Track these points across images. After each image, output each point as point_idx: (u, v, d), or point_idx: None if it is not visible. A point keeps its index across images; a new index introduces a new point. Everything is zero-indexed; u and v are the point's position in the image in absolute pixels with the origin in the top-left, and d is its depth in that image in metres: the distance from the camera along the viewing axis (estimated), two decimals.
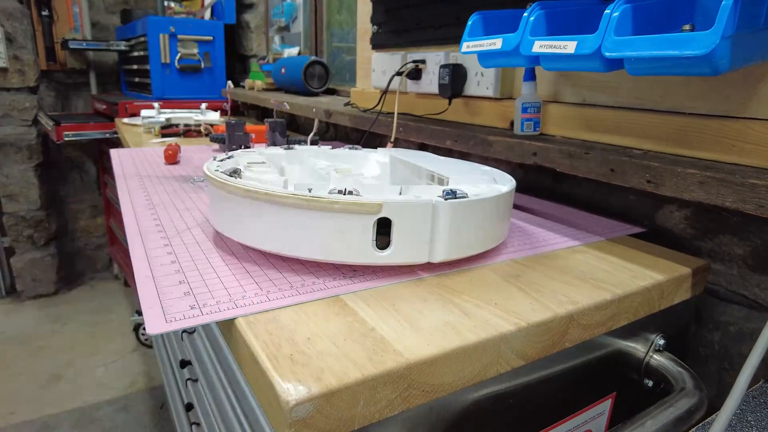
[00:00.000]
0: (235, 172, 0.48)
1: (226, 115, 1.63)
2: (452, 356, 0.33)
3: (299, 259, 0.46)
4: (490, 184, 0.51)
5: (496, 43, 0.57)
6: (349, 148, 0.69)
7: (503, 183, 0.52)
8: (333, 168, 0.57)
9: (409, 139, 0.90)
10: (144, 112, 1.36)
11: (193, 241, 0.50)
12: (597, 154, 0.56)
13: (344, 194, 0.42)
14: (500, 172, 0.58)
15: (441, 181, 0.55)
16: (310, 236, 0.41)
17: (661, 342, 0.49)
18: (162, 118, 1.32)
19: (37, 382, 1.69)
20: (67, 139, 1.85)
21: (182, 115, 1.36)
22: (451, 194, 0.44)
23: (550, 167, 0.62)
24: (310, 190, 0.43)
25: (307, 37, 1.96)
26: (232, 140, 1.01)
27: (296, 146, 0.69)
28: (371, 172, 0.67)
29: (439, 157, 0.68)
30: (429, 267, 0.46)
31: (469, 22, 0.63)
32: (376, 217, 0.40)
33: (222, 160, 0.56)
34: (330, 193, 0.42)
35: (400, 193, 0.45)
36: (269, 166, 0.59)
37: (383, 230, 0.42)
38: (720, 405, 0.32)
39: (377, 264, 0.42)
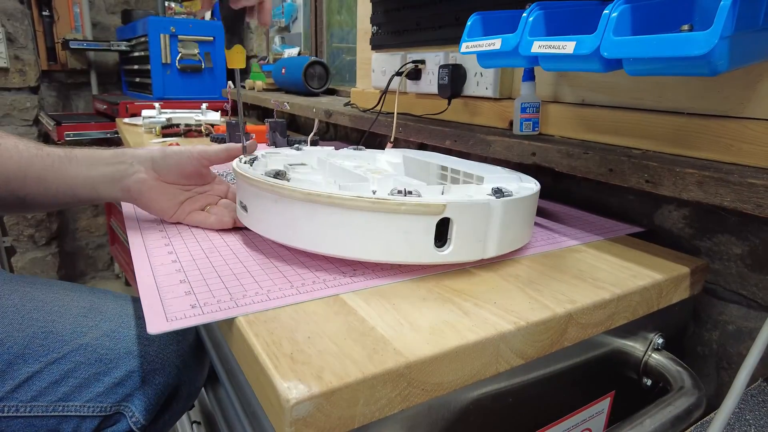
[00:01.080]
0: (279, 174, 0.47)
1: (227, 115, 1.63)
2: (452, 355, 0.33)
3: (299, 258, 0.46)
4: (518, 182, 0.53)
5: (495, 43, 0.57)
6: (353, 149, 0.70)
7: (528, 182, 0.54)
8: (363, 169, 0.56)
9: (409, 139, 0.90)
10: (145, 112, 1.36)
11: (193, 240, 0.51)
12: (596, 154, 0.57)
13: (404, 195, 0.42)
14: (522, 174, 0.58)
15: (467, 179, 0.57)
16: (374, 238, 0.41)
17: (660, 341, 0.49)
18: (163, 118, 1.32)
19: None
20: (68, 138, 1.85)
21: (183, 115, 1.36)
22: (500, 193, 0.45)
23: (549, 167, 0.62)
24: (374, 192, 0.43)
25: (308, 37, 1.96)
26: (232, 140, 1.01)
27: (303, 147, 0.69)
28: (388, 170, 0.67)
29: (448, 156, 0.68)
30: (480, 263, 0.47)
31: (469, 23, 0.63)
32: (439, 218, 0.41)
33: (247, 162, 0.54)
34: (391, 194, 0.42)
35: (442, 193, 0.46)
36: (312, 168, 0.59)
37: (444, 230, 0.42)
38: (718, 404, 0.32)
39: (437, 263, 0.43)
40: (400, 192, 0.42)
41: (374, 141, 1.18)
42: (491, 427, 0.39)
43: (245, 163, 0.54)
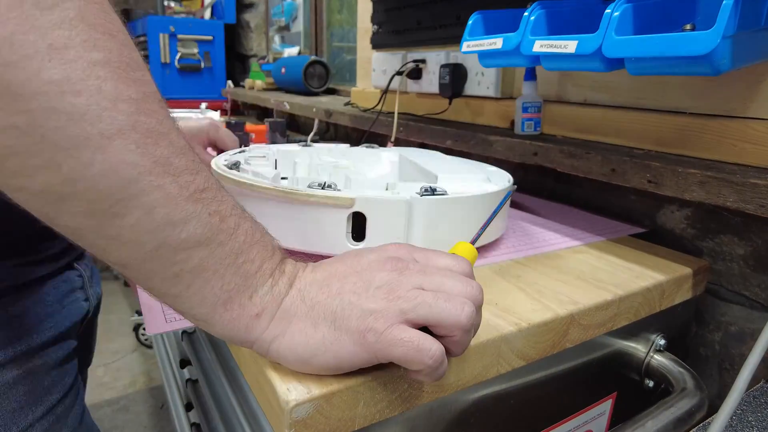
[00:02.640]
0: (235, 165, 0.50)
1: (226, 114, 1.63)
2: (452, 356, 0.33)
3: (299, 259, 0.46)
4: (481, 183, 0.52)
5: (496, 42, 0.57)
6: (366, 147, 0.71)
7: (498, 183, 0.52)
8: (334, 164, 0.57)
9: (410, 138, 0.90)
10: None
11: None
12: (598, 154, 0.56)
13: (323, 188, 0.43)
14: (502, 172, 0.58)
15: (435, 179, 0.56)
16: (290, 227, 0.43)
17: (662, 342, 0.49)
18: None
19: None
20: None
21: (182, 115, 1.36)
22: (429, 191, 0.44)
23: (551, 167, 0.62)
24: (317, 185, 0.44)
25: (308, 36, 1.96)
26: None
27: (314, 144, 0.70)
28: (381, 170, 0.67)
29: (446, 156, 0.68)
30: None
31: (470, 22, 0.62)
32: (349, 211, 0.41)
33: (233, 155, 0.58)
34: (309, 186, 0.43)
35: (386, 189, 0.46)
36: (268, 161, 0.59)
37: (364, 224, 0.43)
38: (720, 405, 0.32)
39: None
40: (319, 185, 0.44)
41: (375, 141, 1.18)
42: (492, 429, 0.39)
43: (231, 155, 0.57)
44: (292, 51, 1.92)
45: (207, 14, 2.25)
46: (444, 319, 0.27)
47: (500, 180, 0.54)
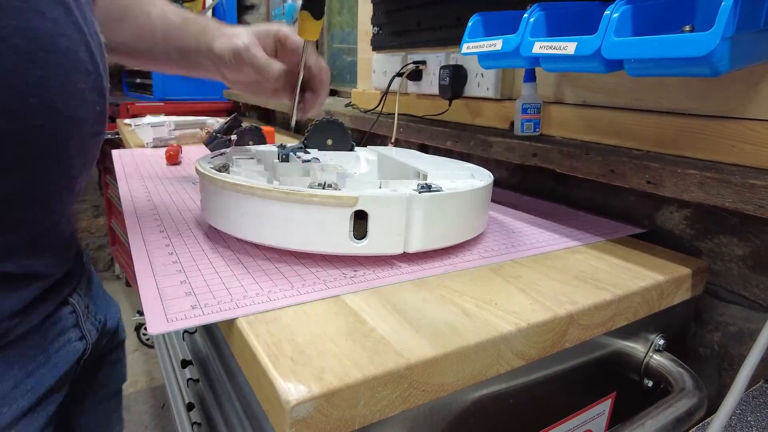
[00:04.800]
0: (223, 167, 0.51)
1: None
2: (452, 356, 0.33)
3: (300, 259, 0.46)
4: (467, 179, 0.54)
5: (496, 44, 0.57)
6: (382, 148, 0.72)
7: (481, 179, 0.54)
8: (321, 165, 0.58)
9: (410, 139, 0.90)
10: (150, 119, 1.34)
11: (194, 241, 0.51)
12: (597, 154, 0.57)
13: (324, 188, 0.44)
14: (481, 169, 0.60)
15: (424, 177, 0.57)
16: (291, 227, 0.43)
17: (661, 342, 0.49)
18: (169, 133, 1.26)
19: None
20: None
21: (190, 120, 1.34)
22: (426, 188, 0.46)
23: (551, 168, 0.62)
24: (317, 186, 0.45)
25: None
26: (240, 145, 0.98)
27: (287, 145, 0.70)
28: (360, 169, 0.68)
29: (424, 154, 0.69)
30: (406, 257, 0.47)
31: (470, 23, 0.63)
32: (352, 210, 0.42)
33: (213, 157, 0.58)
34: (310, 186, 0.44)
35: (380, 187, 0.47)
36: (258, 162, 0.60)
37: (364, 222, 0.44)
38: (719, 405, 0.32)
39: (356, 254, 0.45)
40: (320, 185, 0.45)
41: (375, 142, 1.18)
42: (492, 429, 0.39)
43: (212, 158, 0.58)
44: None
45: (208, 15, 2.25)
46: None
47: (483, 176, 0.56)
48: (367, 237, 0.43)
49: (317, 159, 0.61)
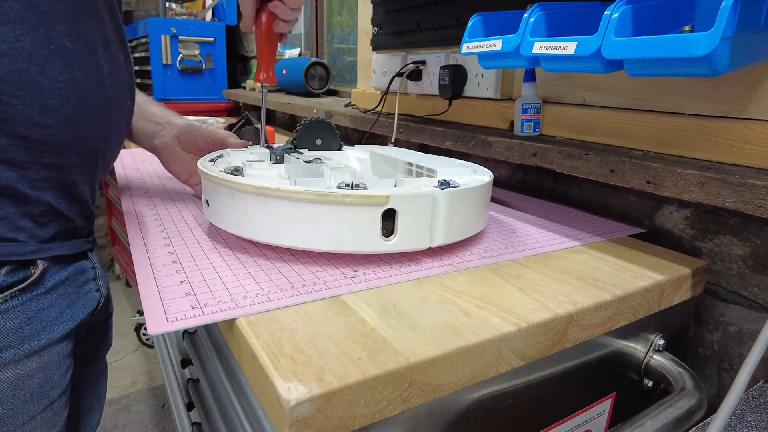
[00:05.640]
0: (236, 170, 0.50)
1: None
2: (452, 356, 0.33)
3: (300, 259, 0.46)
4: (471, 175, 0.56)
5: (496, 44, 0.57)
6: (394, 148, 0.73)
7: (482, 174, 0.56)
8: (323, 165, 0.57)
9: (410, 139, 0.90)
10: None
11: (194, 241, 0.51)
12: (597, 154, 0.57)
13: (351, 188, 0.44)
14: (479, 166, 0.60)
15: (429, 174, 0.58)
16: (322, 229, 0.43)
17: (661, 342, 0.49)
18: None
19: None
20: None
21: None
22: (446, 184, 0.48)
23: (550, 168, 0.62)
24: (344, 186, 0.46)
25: (308, 38, 1.96)
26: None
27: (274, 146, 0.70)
28: (354, 167, 0.68)
29: (415, 152, 0.70)
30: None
31: (470, 24, 0.63)
32: (383, 209, 0.43)
33: (212, 160, 0.57)
34: (339, 187, 0.45)
35: (395, 185, 0.48)
36: (269, 164, 0.60)
37: (391, 219, 0.44)
38: (719, 405, 0.32)
39: (385, 252, 0.46)
40: (347, 185, 0.45)
41: (375, 142, 1.18)
42: (492, 429, 0.39)
43: (210, 161, 0.56)
44: (293, 52, 1.92)
45: (208, 16, 2.25)
46: None
47: (484, 172, 0.57)
48: (396, 234, 0.44)
49: (320, 159, 0.61)
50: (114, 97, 0.48)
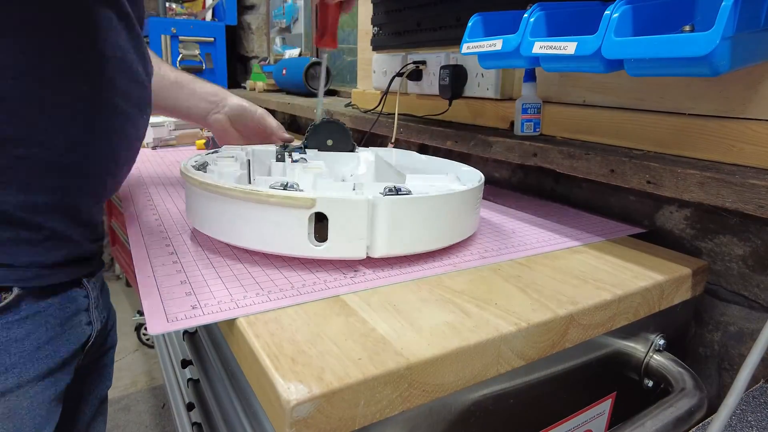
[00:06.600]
0: (202, 166, 0.52)
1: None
2: (452, 356, 0.33)
3: (300, 259, 0.46)
4: (450, 182, 0.52)
5: (496, 44, 0.57)
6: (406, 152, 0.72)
7: (467, 182, 0.53)
8: (303, 165, 0.57)
9: (410, 140, 0.90)
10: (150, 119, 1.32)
11: (194, 241, 0.51)
12: (597, 154, 0.57)
13: (285, 188, 0.43)
14: (474, 170, 0.59)
15: (401, 177, 0.56)
16: (250, 227, 0.43)
17: (661, 342, 0.49)
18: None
19: None
20: None
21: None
22: (393, 191, 0.44)
23: (551, 168, 0.62)
24: (279, 186, 0.45)
25: (309, 38, 1.96)
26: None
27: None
28: (359, 171, 0.68)
29: (421, 155, 0.69)
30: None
31: (470, 24, 0.63)
32: (310, 212, 0.41)
33: (206, 155, 0.59)
34: (272, 186, 0.43)
35: (354, 189, 0.47)
36: (235, 161, 0.59)
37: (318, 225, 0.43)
38: (720, 405, 0.32)
39: (317, 258, 0.44)
40: (282, 185, 0.44)
41: (375, 142, 1.18)
42: (492, 429, 0.39)
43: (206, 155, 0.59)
44: (293, 52, 1.92)
45: (208, 16, 2.25)
46: None
47: (471, 179, 0.55)
48: (328, 240, 0.42)
49: (305, 159, 0.61)
50: (125, 116, 0.44)
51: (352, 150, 0.69)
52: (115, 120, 0.43)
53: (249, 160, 0.63)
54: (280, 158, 0.62)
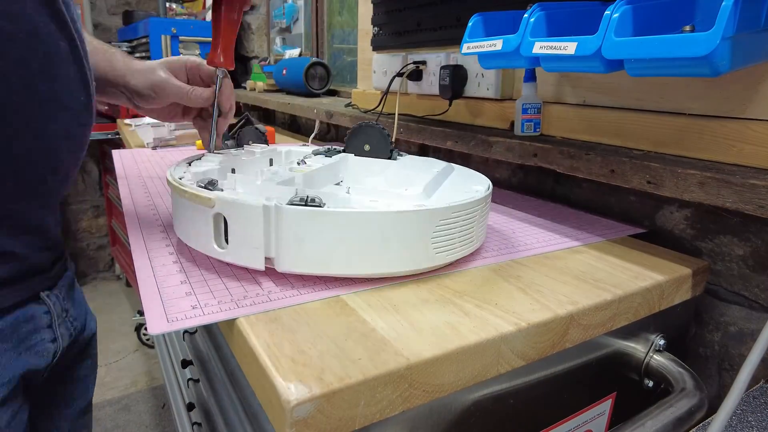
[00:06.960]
0: (190, 164, 0.54)
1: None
2: (452, 356, 0.33)
3: None
4: (395, 199, 0.46)
5: (496, 44, 0.57)
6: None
7: (433, 202, 0.46)
8: (291, 168, 0.56)
9: (410, 140, 0.90)
10: (150, 119, 1.32)
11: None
12: (597, 154, 0.57)
13: (205, 186, 0.44)
14: (474, 177, 0.56)
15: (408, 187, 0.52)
16: (183, 219, 0.45)
17: (662, 342, 0.49)
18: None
19: None
20: None
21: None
22: (302, 202, 0.39)
23: (551, 168, 0.62)
24: (204, 184, 0.46)
25: (309, 38, 1.96)
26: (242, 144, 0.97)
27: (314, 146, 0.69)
28: (374, 178, 0.64)
29: (438, 162, 0.63)
30: (275, 274, 0.42)
31: (470, 24, 0.63)
32: (212, 212, 0.41)
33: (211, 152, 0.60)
34: (197, 184, 0.45)
35: (296, 194, 0.43)
36: (212, 160, 0.57)
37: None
38: (720, 405, 0.32)
39: (219, 259, 0.43)
40: (205, 183, 0.45)
41: None
42: (492, 429, 0.39)
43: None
44: (293, 52, 1.92)
45: (208, 16, 2.25)
46: None
47: (471, 190, 0.50)
48: (229, 244, 0.41)
49: (304, 162, 0.61)
50: (53, 99, 0.38)
51: (389, 156, 0.63)
52: (40, 106, 0.37)
53: (271, 159, 0.64)
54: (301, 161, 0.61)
